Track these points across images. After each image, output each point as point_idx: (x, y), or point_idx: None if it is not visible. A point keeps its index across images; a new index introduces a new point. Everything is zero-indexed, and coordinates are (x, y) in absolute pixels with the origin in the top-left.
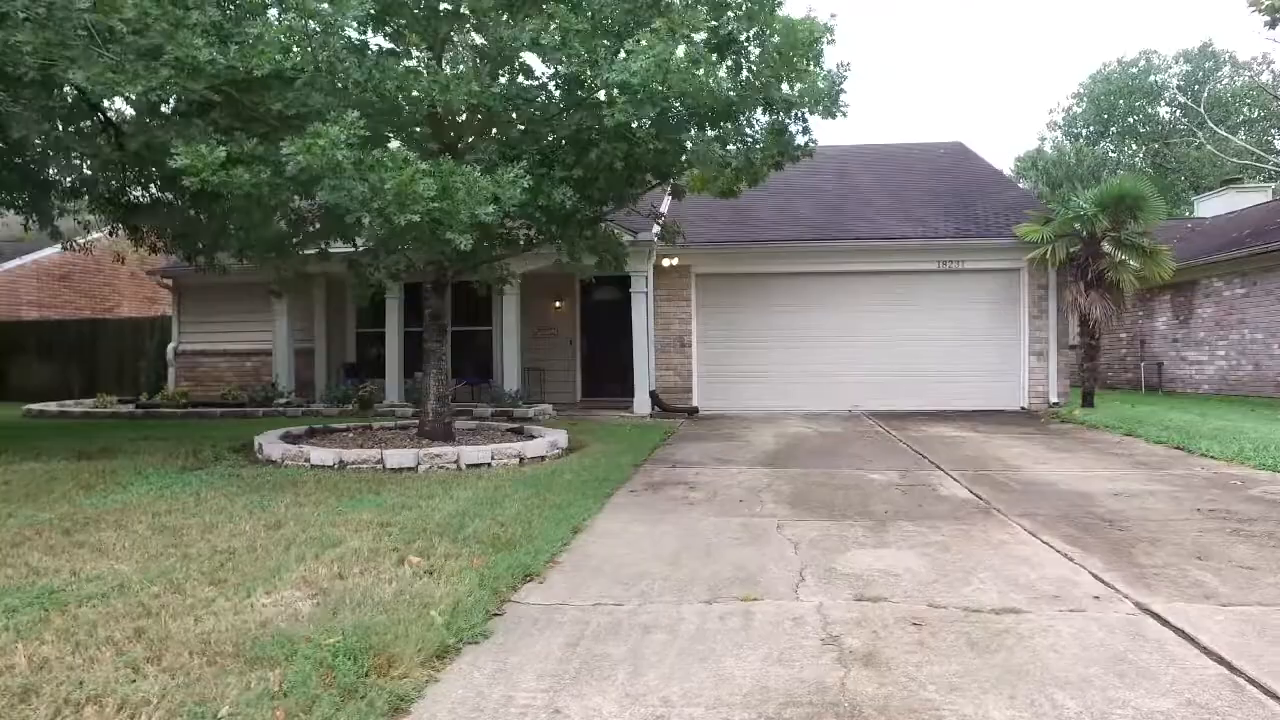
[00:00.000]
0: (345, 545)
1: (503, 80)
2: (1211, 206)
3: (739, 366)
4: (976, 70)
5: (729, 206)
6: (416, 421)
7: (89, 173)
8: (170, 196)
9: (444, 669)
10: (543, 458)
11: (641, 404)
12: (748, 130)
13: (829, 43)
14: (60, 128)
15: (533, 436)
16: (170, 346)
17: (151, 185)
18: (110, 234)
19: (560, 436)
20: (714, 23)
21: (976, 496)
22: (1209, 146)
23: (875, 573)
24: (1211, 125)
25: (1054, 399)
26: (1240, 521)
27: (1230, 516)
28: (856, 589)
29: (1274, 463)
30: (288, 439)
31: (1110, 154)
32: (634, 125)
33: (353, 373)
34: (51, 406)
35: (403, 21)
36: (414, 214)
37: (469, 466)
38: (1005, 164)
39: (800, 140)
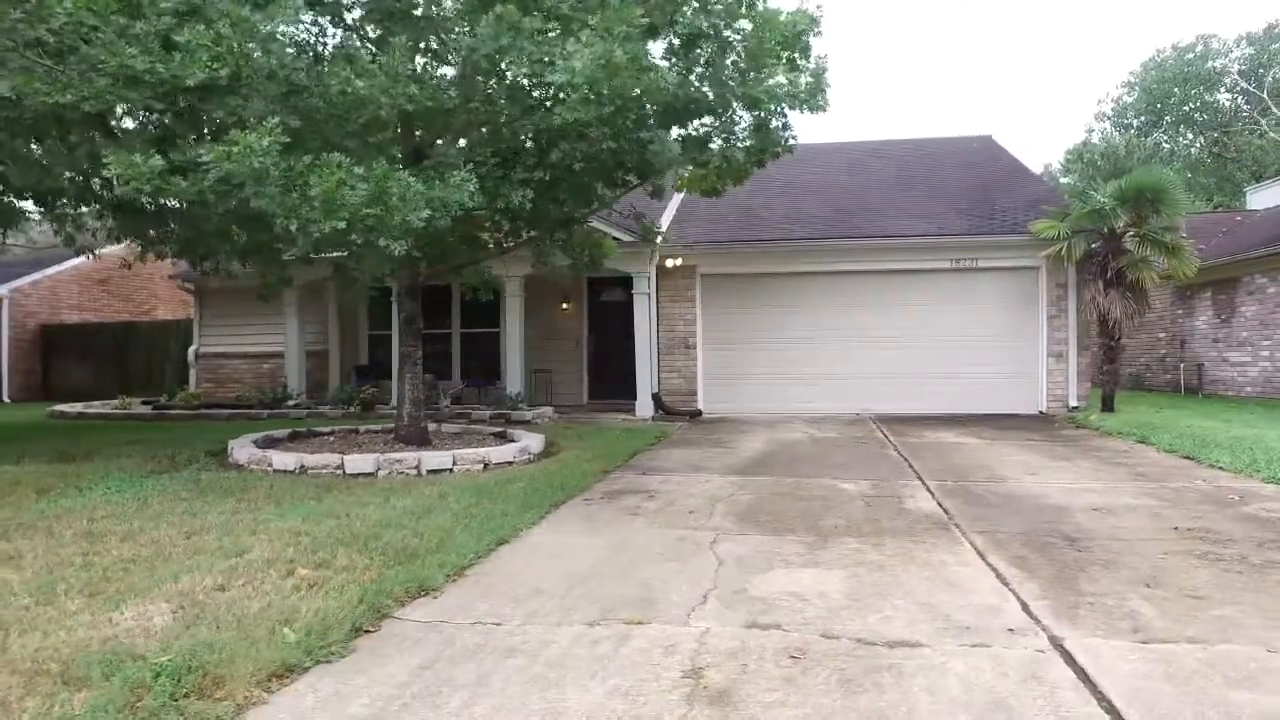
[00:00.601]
0: (249, 555)
1: (449, 81)
2: (1264, 198)
3: (745, 369)
4: (1022, 62)
5: (737, 206)
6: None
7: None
8: (151, 204)
9: (278, 690)
10: (510, 463)
11: (644, 407)
12: (714, 128)
13: (815, 34)
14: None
15: (512, 440)
16: (191, 349)
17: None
18: (115, 240)
19: (535, 441)
20: (646, 19)
21: (943, 510)
22: (1273, 134)
23: (786, 596)
24: (1277, 112)
25: (1073, 403)
26: (1216, 543)
27: (1208, 536)
28: (754, 614)
29: None
30: (265, 443)
31: (1164, 145)
32: (589, 125)
33: (364, 375)
34: (77, 407)
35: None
36: (340, 220)
37: (430, 472)
38: (1054, 158)
39: (781, 137)
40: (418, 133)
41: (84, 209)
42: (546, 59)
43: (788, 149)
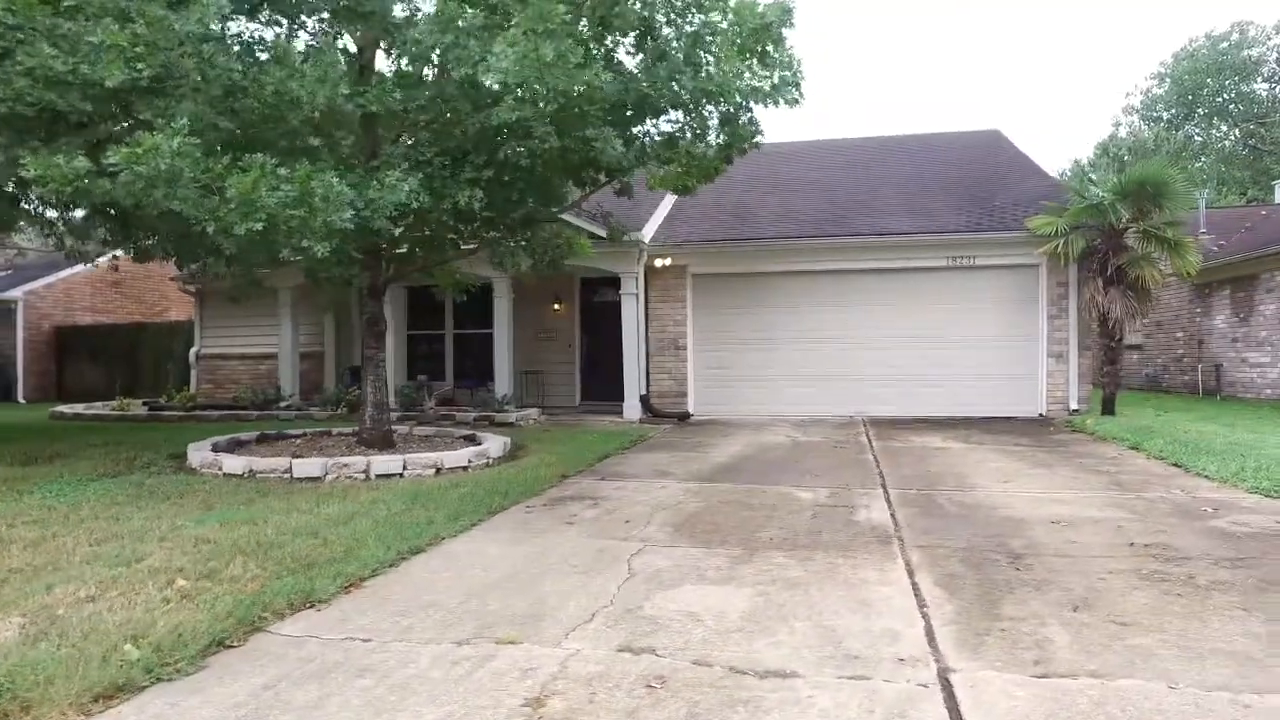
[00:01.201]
0: (141, 564)
1: (393, 81)
2: None
3: (737, 370)
4: (1051, 56)
5: (731, 203)
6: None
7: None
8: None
9: (98, 714)
10: (465, 468)
11: (631, 409)
12: (685, 124)
13: (788, 26)
14: None
15: (476, 444)
16: (192, 350)
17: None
18: (106, 245)
19: (496, 445)
20: (569, 15)
21: (893, 521)
22: None
23: (679, 616)
24: None
25: (1074, 405)
26: (1168, 560)
27: (1162, 554)
28: (635, 636)
29: (1271, 485)
30: (229, 445)
31: (1196, 137)
32: (531, 124)
33: (358, 375)
34: (77, 408)
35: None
36: (257, 222)
37: (378, 477)
38: (1084, 154)
39: (748, 131)
40: (380, 131)
41: (67, 215)
42: (478, 57)
43: (754, 145)
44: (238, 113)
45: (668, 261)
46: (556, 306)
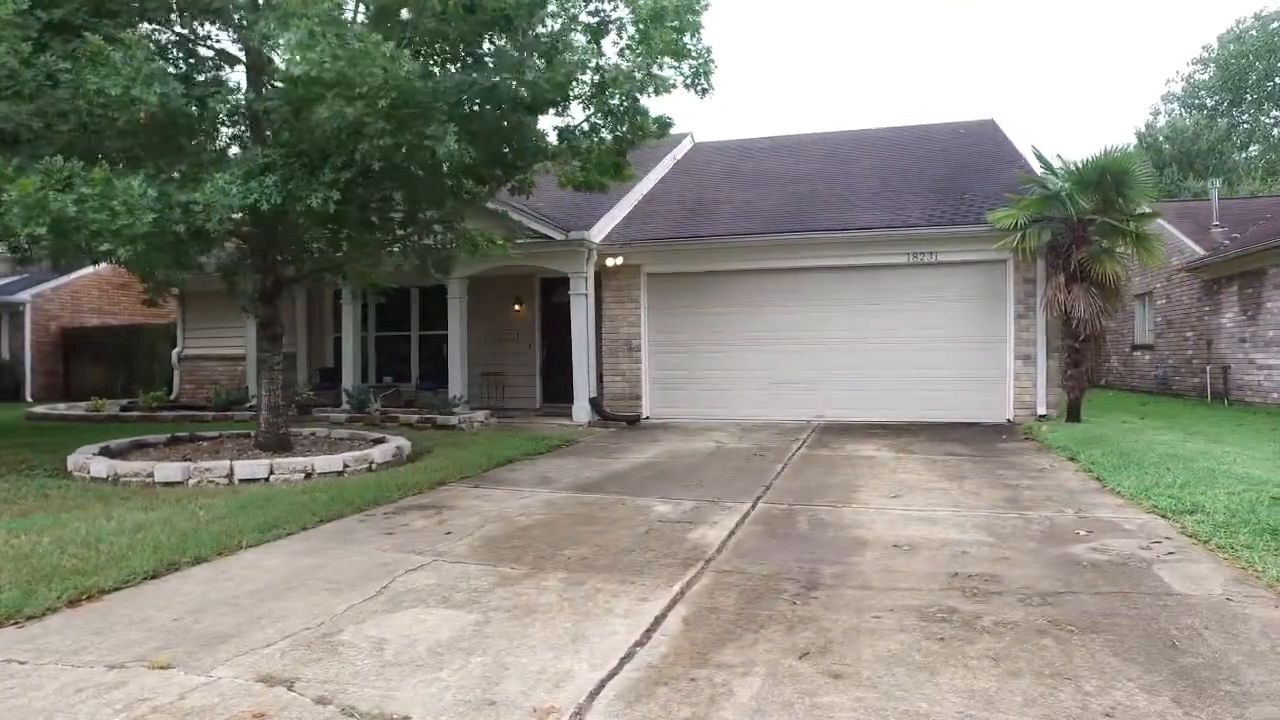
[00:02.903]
0: None
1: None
2: None
3: (693, 372)
4: (1084, 44)
5: (691, 201)
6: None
7: None
8: None
9: None
10: (340, 472)
11: (580, 411)
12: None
13: (698, 9)
14: None
15: (367, 446)
16: (175, 351)
17: None
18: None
19: (386, 449)
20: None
21: (725, 541)
22: None
23: (370, 644)
24: None
25: (1041, 410)
26: (974, 595)
27: (978, 587)
28: (296, 665)
29: (1172, 503)
30: (127, 448)
31: (1243, 124)
32: (366, 121)
33: (329, 377)
34: (60, 408)
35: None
36: (40, 226)
37: (242, 481)
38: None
39: (645, 125)
40: (245, 131)
41: None
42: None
43: (655, 135)
44: (55, 115)
45: (619, 261)
46: (517, 307)
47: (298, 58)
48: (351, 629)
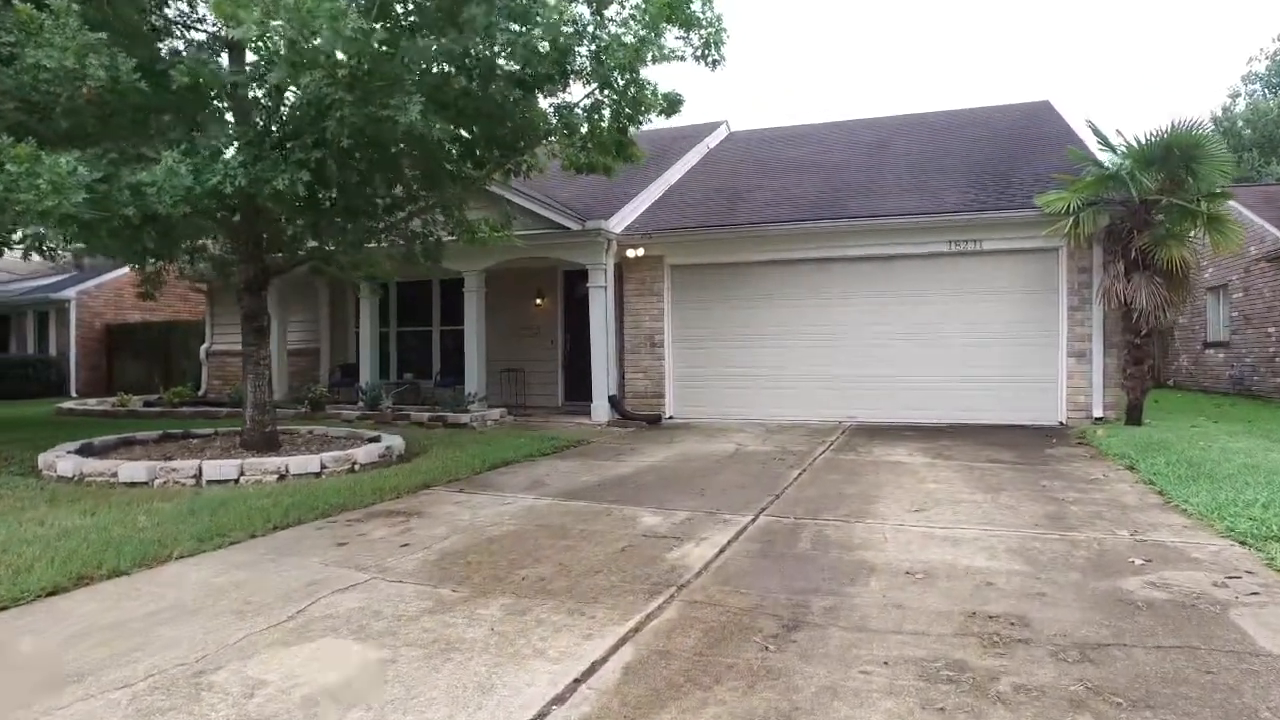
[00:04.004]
0: None
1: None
2: None
3: (719, 370)
4: (1160, 25)
5: (722, 189)
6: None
7: None
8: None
9: None
10: (318, 473)
11: (599, 410)
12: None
13: None
14: None
15: (374, 442)
16: (203, 347)
17: None
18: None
19: (361, 452)
20: None
21: (712, 561)
22: None
23: (244, 686)
24: None
25: (1098, 412)
26: (995, 645)
27: (1000, 633)
28: (123, 718)
29: (1253, 526)
30: (113, 445)
31: None
32: (326, 93)
33: (350, 373)
34: (90, 403)
35: None
36: None
37: (211, 482)
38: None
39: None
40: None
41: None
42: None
43: (660, 114)
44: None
45: (641, 252)
46: (539, 301)
47: (235, 20)
48: (233, 665)
